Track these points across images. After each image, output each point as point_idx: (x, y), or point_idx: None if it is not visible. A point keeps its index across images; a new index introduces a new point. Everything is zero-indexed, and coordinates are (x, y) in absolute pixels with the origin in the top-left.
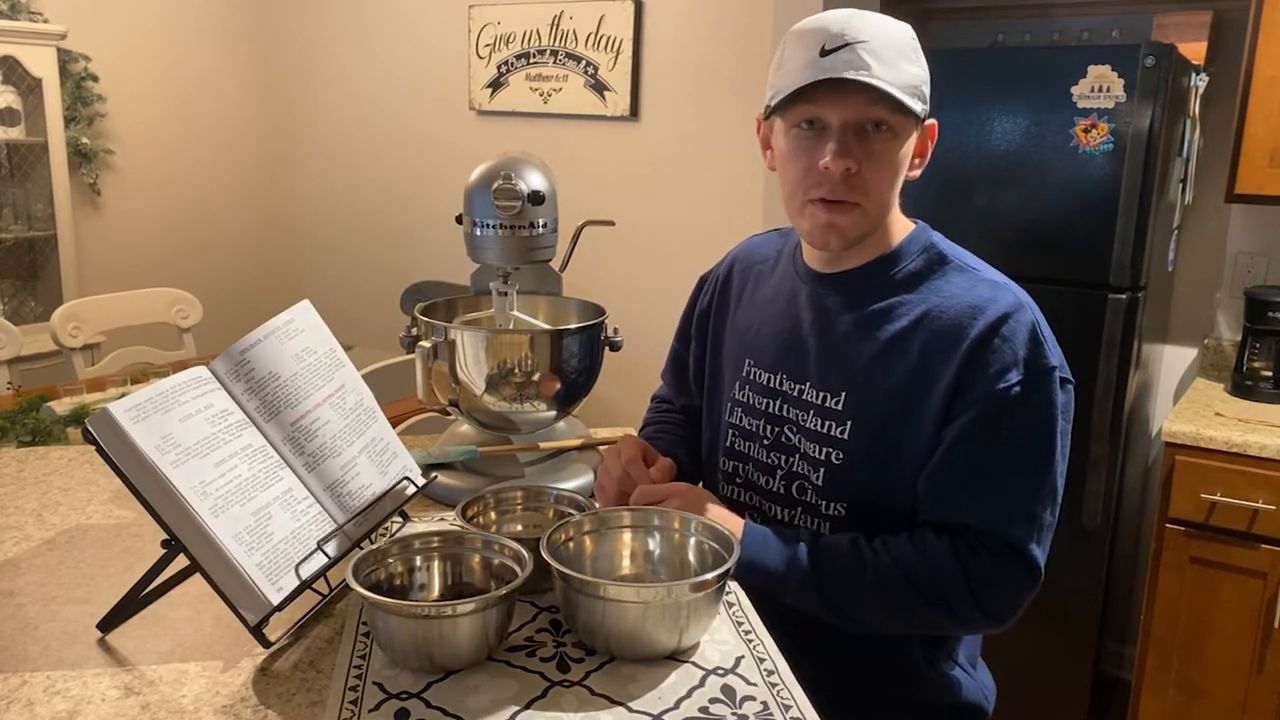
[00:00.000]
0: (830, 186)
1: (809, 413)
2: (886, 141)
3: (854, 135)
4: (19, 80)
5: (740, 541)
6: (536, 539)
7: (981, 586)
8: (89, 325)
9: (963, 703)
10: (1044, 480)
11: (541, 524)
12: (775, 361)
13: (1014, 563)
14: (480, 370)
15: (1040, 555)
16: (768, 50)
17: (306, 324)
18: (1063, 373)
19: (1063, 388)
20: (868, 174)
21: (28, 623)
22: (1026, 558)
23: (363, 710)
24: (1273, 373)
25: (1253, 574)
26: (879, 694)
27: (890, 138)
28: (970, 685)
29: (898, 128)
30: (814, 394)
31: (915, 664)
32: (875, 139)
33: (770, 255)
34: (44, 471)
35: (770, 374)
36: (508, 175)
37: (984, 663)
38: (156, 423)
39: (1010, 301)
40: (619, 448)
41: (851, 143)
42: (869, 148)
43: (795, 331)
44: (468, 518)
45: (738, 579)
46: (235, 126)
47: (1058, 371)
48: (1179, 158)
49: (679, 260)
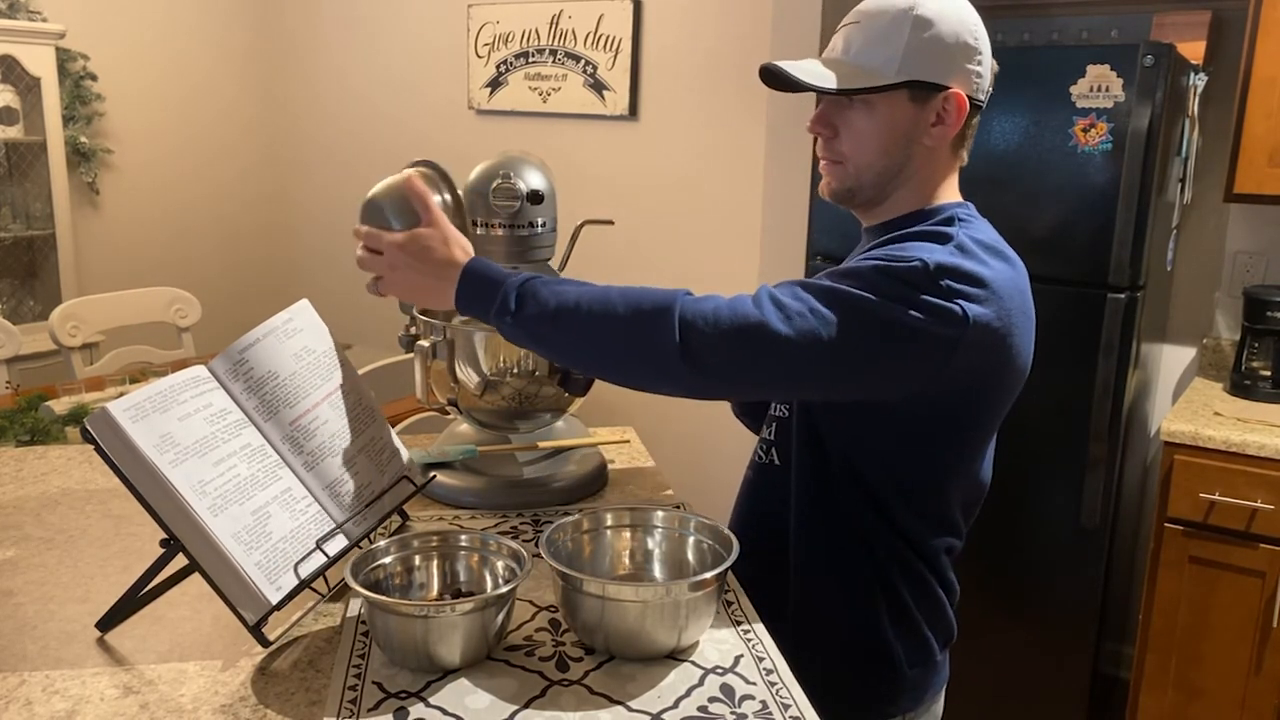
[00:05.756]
0: (820, 148)
1: None
2: (860, 112)
3: (831, 105)
4: (17, 79)
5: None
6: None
7: (691, 303)
8: (88, 324)
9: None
10: (839, 291)
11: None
12: None
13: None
14: (479, 370)
15: (769, 307)
16: (767, 49)
17: (305, 323)
18: (941, 278)
19: (921, 287)
20: (845, 138)
21: (26, 622)
22: (753, 296)
23: (362, 710)
24: (1271, 372)
25: (1251, 573)
26: (873, 691)
27: (863, 108)
28: (913, 683)
29: (873, 100)
30: None
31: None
32: (849, 109)
33: None
34: (43, 471)
35: None
36: (507, 174)
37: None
38: (155, 422)
39: (935, 234)
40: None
41: (830, 111)
42: (844, 115)
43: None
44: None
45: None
46: (234, 125)
47: (923, 266)
48: (1178, 157)
49: (678, 259)
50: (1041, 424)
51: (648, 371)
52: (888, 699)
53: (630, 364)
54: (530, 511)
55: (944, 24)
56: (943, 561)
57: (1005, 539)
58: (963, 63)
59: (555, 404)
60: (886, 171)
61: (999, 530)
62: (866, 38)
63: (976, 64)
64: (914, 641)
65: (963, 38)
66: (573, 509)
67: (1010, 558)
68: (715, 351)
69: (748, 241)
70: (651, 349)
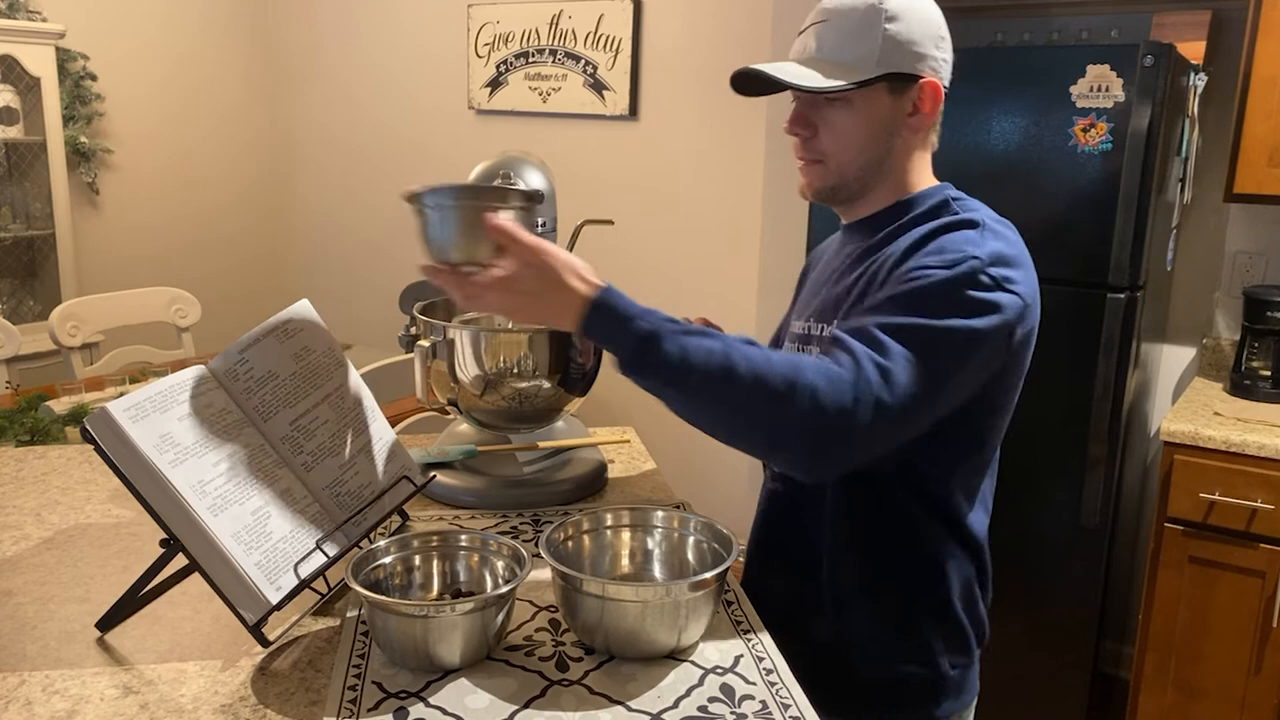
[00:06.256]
0: (798, 149)
1: (814, 349)
2: (839, 109)
3: (808, 105)
4: (17, 79)
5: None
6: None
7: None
8: (87, 324)
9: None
10: (916, 328)
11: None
12: (804, 307)
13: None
14: (479, 370)
15: (875, 380)
16: (767, 49)
17: (305, 323)
18: (992, 269)
19: (982, 287)
20: (824, 137)
21: (26, 622)
22: (855, 355)
23: (361, 709)
24: (1271, 372)
25: (1251, 573)
26: (876, 696)
27: (842, 105)
28: (955, 683)
29: (851, 96)
30: (817, 328)
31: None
32: (828, 107)
33: None
34: (42, 471)
35: (802, 321)
36: (507, 174)
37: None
38: (155, 422)
39: (963, 223)
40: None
41: (807, 111)
42: (822, 114)
43: (821, 277)
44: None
45: (591, 332)
46: (234, 125)
47: (981, 263)
48: (1178, 157)
49: (678, 259)
50: (1041, 424)
51: (790, 448)
52: (931, 699)
53: (759, 438)
54: (530, 511)
55: (913, 15)
56: (985, 552)
57: (1005, 539)
58: (933, 51)
59: (555, 404)
60: (868, 166)
61: (999, 530)
62: (840, 35)
63: (944, 51)
64: (956, 642)
65: (931, 27)
66: (573, 509)
67: (1010, 557)
68: (862, 431)
69: (747, 241)
70: (796, 430)
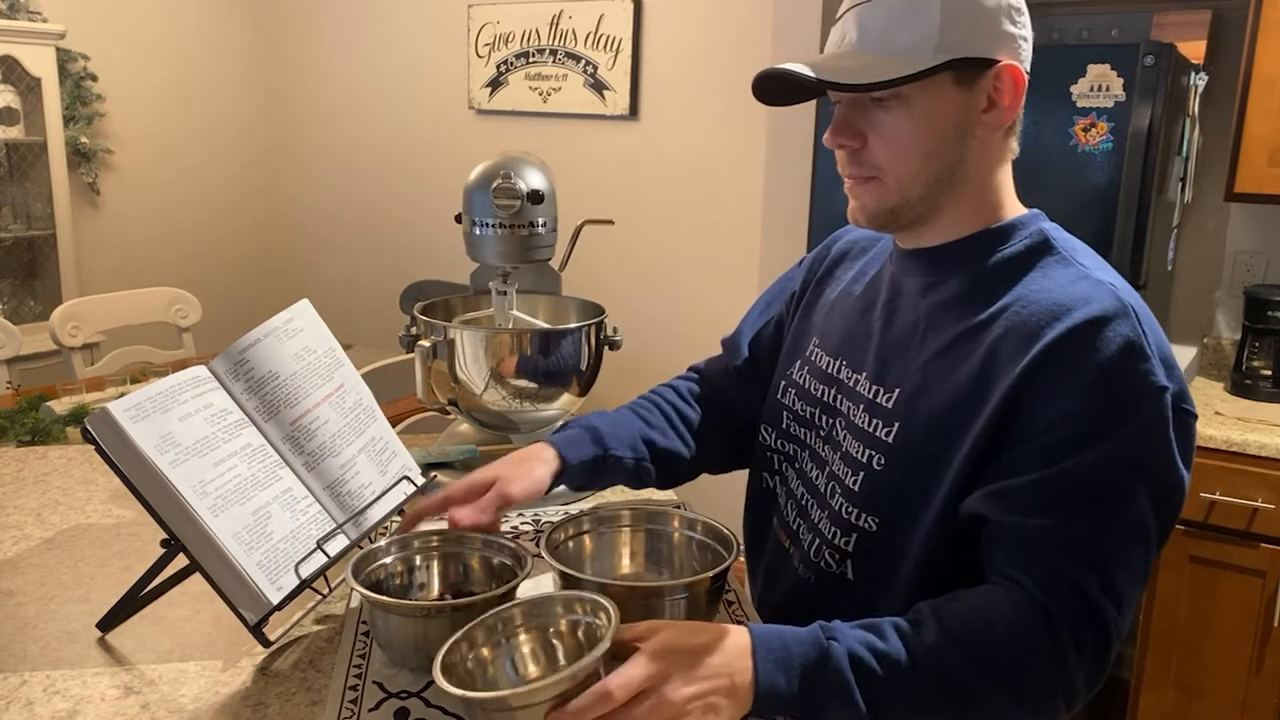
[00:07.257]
0: (844, 164)
1: (859, 407)
2: (891, 111)
3: (853, 108)
4: (18, 80)
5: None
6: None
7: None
8: (88, 325)
9: None
10: (1118, 519)
11: (558, 635)
12: (839, 346)
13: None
14: (480, 369)
15: (1112, 611)
16: (767, 49)
17: (306, 323)
18: (1179, 399)
19: (1178, 417)
20: (876, 147)
21: (27, 622)
22: (1095, 609)
23: (362, 709)
24: (1272, 372)
25: (1252, 573)
26: None
27: (897, 105)
28: None
29: (904, 94)
30: (867, 386)
31: None
32: (877, 110)
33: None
34: (43, 471)
35: (831, 359)
36: (507, 174)
37: None
38: (156, 422)
39: (1109, 304)
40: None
41: (853, 116)
42: (871, 118)
43: (866, 314)
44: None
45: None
46: (234, 125)
47: (1168, 393)
48: (1178, 157)
49: (678, 259)
50: None
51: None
52: None
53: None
54: (530, 511)
55: None
56: None
57: None
58: (1007, 26)
59: (555, 404)
60: (936, 180)
61: None
62: (888, 16)
63: (1022, 26)
64: None
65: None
66: (573, 509)
67: None
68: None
69: (748, 241)
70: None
